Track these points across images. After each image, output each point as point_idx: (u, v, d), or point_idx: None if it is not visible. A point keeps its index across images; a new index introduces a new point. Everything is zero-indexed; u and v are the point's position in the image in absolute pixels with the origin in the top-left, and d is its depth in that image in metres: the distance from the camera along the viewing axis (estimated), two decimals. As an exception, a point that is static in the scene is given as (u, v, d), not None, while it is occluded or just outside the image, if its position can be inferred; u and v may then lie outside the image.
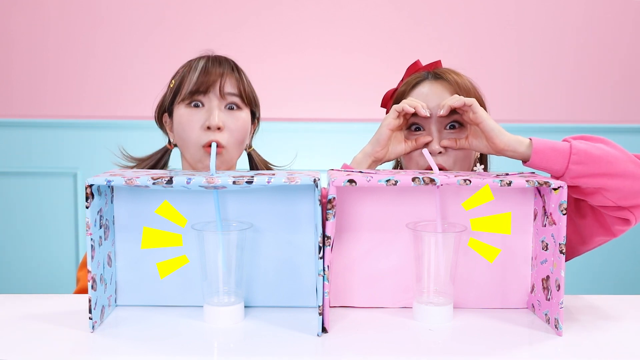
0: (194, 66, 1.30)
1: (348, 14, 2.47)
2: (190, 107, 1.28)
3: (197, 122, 1.27)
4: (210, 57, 1.32)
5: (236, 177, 0.95)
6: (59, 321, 1.01)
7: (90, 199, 0.95)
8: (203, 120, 1.26)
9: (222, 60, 1.32)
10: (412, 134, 1.25)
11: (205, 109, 1.28)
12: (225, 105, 1.29)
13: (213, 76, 1.28)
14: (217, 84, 1.28)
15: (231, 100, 1.29)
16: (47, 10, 2.45)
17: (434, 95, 1.24)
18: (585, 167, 1.06)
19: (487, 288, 1.09)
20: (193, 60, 1.35)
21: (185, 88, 1.29)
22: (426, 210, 1.07)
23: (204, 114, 1.27)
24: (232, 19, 2.46)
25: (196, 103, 1.28)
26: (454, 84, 1.25)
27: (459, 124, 1.23)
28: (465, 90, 1.25)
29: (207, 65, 1.29)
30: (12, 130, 2.45)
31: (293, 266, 1.07)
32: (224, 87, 1.28)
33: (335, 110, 2.46)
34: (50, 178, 2.47)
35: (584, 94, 2.51)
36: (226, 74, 1.29)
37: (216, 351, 0.92)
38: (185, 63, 1.36)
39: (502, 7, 2.49)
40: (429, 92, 1.25)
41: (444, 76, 1.26)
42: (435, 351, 0.93)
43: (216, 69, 1.29)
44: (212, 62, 1.30)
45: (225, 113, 1.28)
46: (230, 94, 1.29)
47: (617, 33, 2.51)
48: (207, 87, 1.27)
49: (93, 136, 2.43)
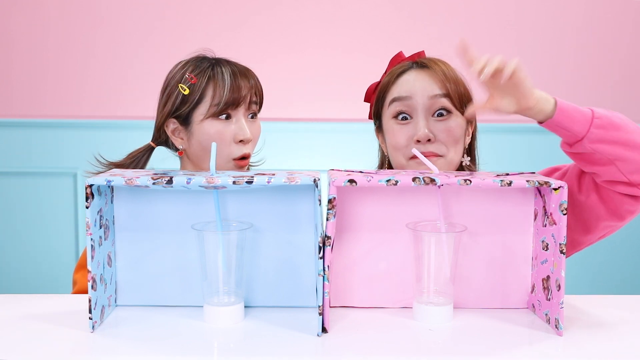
0: (217, 76, 1.29)
1: (348, 14, 2.47)
2: (219, 120, 1.29)
3: (228, 136, 1.29)
4: (228, 66, 1.32)
5: (236, 177, 0.95)
6: (59, 321, 1.01)
7: (90, 199, 0.95)
8: (233, 134, 1.29)
9: (245, 72, 1.32)
10: (399, 123, 1.24)
11: (233, 122, 1.30)
12: (248, 115, 1.33)
13: (244, 91, 1.29)
14: (247, 98, 1.30)
15: (253, 109, 1.33)
16: (47, 11, 2.45)
17: (420, 83, 1.23)
18: (606, 133, 1.05)
19: (487, 288, 1.09)
20: (203, 63, 1.32)
21: (210, 101, 1.28)
22: (426, 210, 1.07)
23: (233, 128, 1.29)
24: (232, 19, 2.46)
25: (227, 116, 1.30)
26: (439, 72, 1.23)
27: (446, 111, 1.22)
28: (453, 79, 1.23)
29: (236, 81, 1.29)
30: (12, 130, 2.46)
31: (293, 266, 1.07)
32: (252, 99, 1.32)
33: (335, 110, 2.46)
34: (50, 178, 2.47)
35: (584, 94, 2.51)
36: (253, 87, 1.32)
37: (216, 351, 0.92)
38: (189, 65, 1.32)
39: (502, 7, 2.49)
40: (415, 80, 1.23)
41: (429, 65, 1.25)
42: (435, 351, 0.93)
43: (244, 83, 1.30)
44: (240, 77, 1.30)
45: (249, 123, 1.32)
46: (254, 103, 1.33)
47: (617, 33, 2.51)
48: (238, 103, 1.29)
49: (93, 136, 2.43)
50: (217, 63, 1.32)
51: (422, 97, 1.22)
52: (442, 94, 1.21)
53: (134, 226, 1.06)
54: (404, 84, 1.24)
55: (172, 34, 2.44)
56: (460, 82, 1.25)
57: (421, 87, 1.22)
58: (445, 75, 1.23)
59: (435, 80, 1.22)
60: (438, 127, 1.21)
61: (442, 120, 1.22)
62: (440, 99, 1.21)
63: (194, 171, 1.33)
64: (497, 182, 0.97)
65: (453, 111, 1.22)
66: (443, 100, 1.21)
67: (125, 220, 1.06)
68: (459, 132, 1.22)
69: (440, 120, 1.22)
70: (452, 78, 1.23)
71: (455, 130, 1.22)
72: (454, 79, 1.23)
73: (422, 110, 1.22)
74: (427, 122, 1.21)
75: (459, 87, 1.23)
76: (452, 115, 1.22)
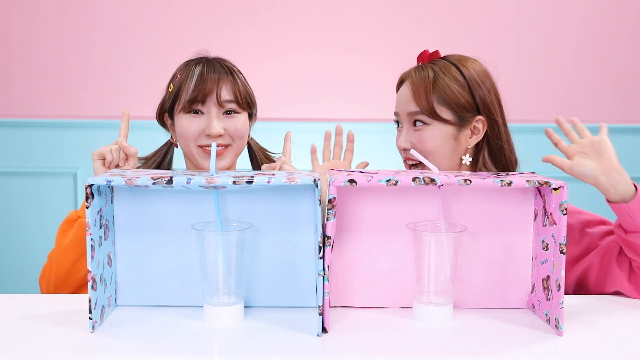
0: (191, 73, 1.32)
1: (348, 14, 2.47)
2: (190, 115, 1.32)
3: (197, 129, 1.31)
4: (205, 63, 1.33)
5: (236, 177, 0.95)
6: (59, 321, 1.01)
7: (90, 199, 0.95)
8: (202, 128, 1.31)
9: (216, 65, 1.33)
10: (398, 129, 1.33)
11: (204, 117, 1.32)
12: (223, 112, 1.33)
13: (209, 84, 1.30)
14: (214, 92, 1.30)
15: (228, 107, 1.33)
16: (47, 11, 2.45)
17: (403, 99, 1.29)
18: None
19: (487, 288, 1.09)
20: (190, 62, 1.36)
21: (183, 96, 1.31)
22: (426, 210, 1.07)
23: (203, 122, 1.31)
24: (231, 18, 2.46)
25: (195, 111, 1.32)
26: (412, 83, 1.27)
27: (421, 122, 1.26)
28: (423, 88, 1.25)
29: (202, 73, 1.31)
30: (12, 130, 2.45)
31: (293, 266, 1.07)
32: (221, 95, 1.31)
33: (335, 110, 2.46)
34: (50, 178, 2.47)
35: (583, 94, 2.51)
36: (222, 81, 1.31)
37: (216, 351, 0.92)
38: (182, 65, 1.37)
39: (502, 7, 2.49)
40: (400, 96, 1.31)
41: (412, 74, 1.29)
42: (435, 351, 0.93)
43: (211, 75, 1.31)
44: (207, 69, 1.32)
45: (224, 119, 1.33)
46: (227, 101, 1.32)
47: (617, 33, 2.51)
48: (204, 96, 1.30)
49: (93, 136, 2.43)
50: (200, 61, 1.34)
51: (404, 112, 1.29)
52: (415, 111, 1.26)
53: (134, 226, 1.06)
54: (398, 97, 1.33)
55: (172, 34, 2.44)
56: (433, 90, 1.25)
57: (402, 102, 1.30)
58: (415, 89, 1.26)
59: (412, 95, 1.27)
60: (415, 137, 1.28)
61: (418, 130, 1.27)
62: (415, 115, 1.27)
63: (190, 167, 1.37)
64: (497, 182, 0.96)
65: (430, 122, 1.26)
66: (418, 115, 1.26)
67: (125, 220, 1.06)
68: (433, 141, 1.26)
69: (417, 130, 1.27)
70: (425, 88, 1.25)
71: (427, 140, 1.26)
72: (426, 90, 1.25)
73: (406, 122, 1.29)
74: (408, 132, 1.29)
75: (429, 99, 1.24)
76: (427, 127, 1.26)
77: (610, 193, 1.13)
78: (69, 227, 1.26)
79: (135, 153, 1.27)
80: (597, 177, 1.13)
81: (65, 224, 1.27)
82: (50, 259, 1.27)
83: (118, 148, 1.26)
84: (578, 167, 1.14)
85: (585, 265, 1.23)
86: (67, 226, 1.26)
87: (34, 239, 2.48)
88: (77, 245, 1.23)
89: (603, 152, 1.14)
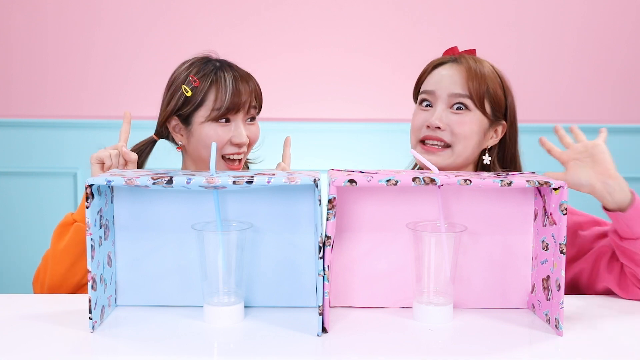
0: (219, 81, 1.31)
1: (348, 14, 2.47)
2: (218, 124, 1.32)
3: (226, 139, 1.32)
4: (231, 71, 1.34)
5: (236, 177, 0.95)
6: (59, 321, 1.01)
7: (90, 199, 0.95)
8: (229, 136, 1.32)
9: (247, 78, 1.35)
10: (422, 109, 1.31)
11: (232, 125, 1.33)
12: (247, 119, 1.35)
13: (244, 96, 1.32)
14: (248, 103, 1.33)
15: (252, 113, 1.36)
16: (47, 11, 2.45)
17: (446, 79, 1.28)
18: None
19: (487, 288, 1.09)
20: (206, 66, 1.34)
21: (211, 104, 1.31)
22: (426, 210, 1.07)
23: (229, 130, 1.32)
24: (231, 18, 2.46)
25: (226, 119, 1.32)
26: (466, 69, 1.27)
27: (464, 106, 1.26)
28: (478, 76, 1.26)
29: (237, 86, 1.32)
30: (12, 130, 2.45)
31: (293, 266, 1.07)
32: (251, 103, 1.34)
33: (335, 110, 2.46)
34: (50, 178, 2.47)
35: (583, 94, 2.51)
36: (252, 91, 1.34)
37: (216, 351, 0.92)
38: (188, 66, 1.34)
39: (502, 7, 2.49)
40: (443, 75, 1.29)
41: (460, 61, 1.29)
42: (435, 351, 0.93)
43: (245, 88, 1.32)
44: (241, 82, 1.33)
45: (247, 126, 1.35)
46: (253, 107, 1.35)
47: (617, 33, 2.51)
48: (239, 107, 1.32)
49: (93, 136, 2.43)
50: (220, 67, 1.34)
51: (444, 92, 1.27)
52: (462, 94, 1.26)
53: (134, 226, 1.06)
54: (434, 77, 1.30)
55: (172, 34, 2.44)
56: (485, 80, 1.27)
57: (446, 83, 1.27)
58: (470, 71, 1.27)
59: (461, 78, 1.26)
60: (452, 119, 1.26)
61: (458, 114, 1.26)
62: (460, 97, 1.26)
63: (194, 170, 1.36)
64: (497, 182, 0.96)
65: (472, 109, 1.26)
66: (463, 98, 1.26)
67: (125, 220, 1.06)
68: (471, 127, 1.26)
69: (456, 113, 1.26)
70: (478, 76, 1.26)
71: (467, 124, 1.26)
72: (478, 77, 1.26)
73: (442, 103, 1.27)
74: (444, 112, 1.27)
75: (482, 87, 1.26)
76: (469, 112, 1.26)
77: (606, 201, 1.12)
78: (64, 231, 1.24)
79: (134, 160, 1.27)
80: (593, 185, 1.13)
81: (60, 228, 1.25)
82: (44, 261, 1.26)
83: (118, 153, 1.25)
84: (572, 179, 1.14)
85: (577, 270, 1.24)
86: (63, 230, 1.25)
87: (34, 239, 2.48)
88: (73, 250, 1.22)
89: (597, 158, 1.13)
